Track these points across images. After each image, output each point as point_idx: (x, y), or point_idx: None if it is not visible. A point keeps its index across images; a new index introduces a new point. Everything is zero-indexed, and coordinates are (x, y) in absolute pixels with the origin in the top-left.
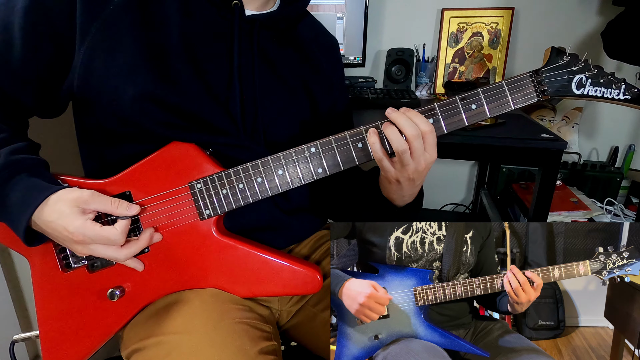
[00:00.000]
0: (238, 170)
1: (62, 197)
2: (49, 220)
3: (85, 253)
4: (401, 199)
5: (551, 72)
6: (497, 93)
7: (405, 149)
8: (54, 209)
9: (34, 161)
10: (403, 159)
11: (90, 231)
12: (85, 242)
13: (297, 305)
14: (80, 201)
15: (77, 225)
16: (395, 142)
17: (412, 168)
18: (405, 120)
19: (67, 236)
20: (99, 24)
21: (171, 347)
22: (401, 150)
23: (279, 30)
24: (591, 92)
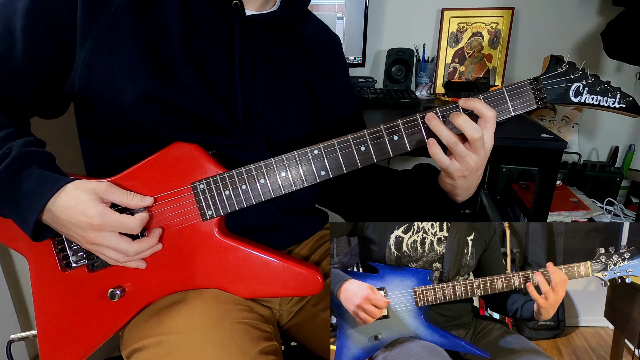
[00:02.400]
0: (241, 171)
1: (79, 186)
2: (65, 207)
3: (95, 242)
4: (466, 191)
5: (550, 79)
6: (497, 99)
7: (455, 140)
8: (71, 195)
9: (45, 154)
10: (457, 150)
11: (110, 217)
12: (103, 227)
13: (297, 305)
14: (99, 190)
15: (98, 210)
16: (445, 135)
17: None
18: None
19: (84, 221)
20: (100, 24)
21: (171, 346)
22: (452, 142)
23: (279, 30)
24: (588, 100)
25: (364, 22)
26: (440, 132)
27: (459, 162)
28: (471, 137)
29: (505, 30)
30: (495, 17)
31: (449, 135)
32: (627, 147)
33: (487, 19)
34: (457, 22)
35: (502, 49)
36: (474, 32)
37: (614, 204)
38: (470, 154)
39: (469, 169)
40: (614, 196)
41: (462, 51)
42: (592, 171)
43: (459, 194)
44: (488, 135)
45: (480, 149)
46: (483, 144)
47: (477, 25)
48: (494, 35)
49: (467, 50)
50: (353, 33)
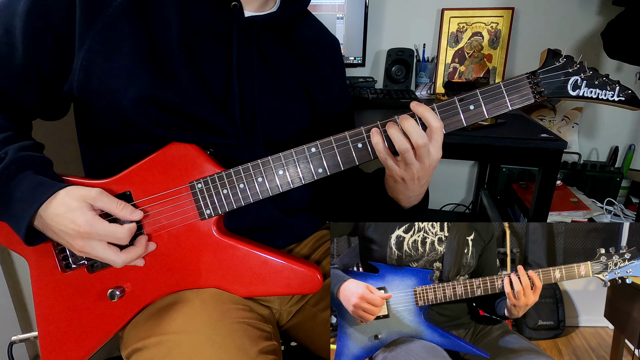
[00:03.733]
0: (239, 170)
1: (70, 193)
2: (55, 214)
3: (84, 250)
4: (407, 199)
5: (547, 73)
6: (495, 94)
7: (407, 147)
8: (61, 202)
9: (41, 159)
10: (406, 157)
11: (98, 225)
12: (91, 236)
13: (297, 305)
14: (88, 197)
15: (86, 218)
16: (398, 141)
17: (416, 167)
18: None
19: (73, 229)
20: (99, 26)
21: (171, 346)
22: (403, 149)
23: (278, 31)
24: (586, 94)
25: (364, 22)
26: (394, 137)
27: (402, 167)
28: (415, 143)
29: (505, 30)
30: (495, 17)
31: (401, 140)
32: (627, 147)
33: (487, 19)
34: (457, 22)
35: (502, 49)
36: (474, 32)
37: (614, 204)
38: (415, 162)
39: (410, 176)
40: (614, 196)
41: (462, 51)
42: (592, 171)
43: (401, 199)
44: (434, 147)
45: (424, 157)
46: (428, 153)
47: (477, 25)
48: (494, 35)
49: (467, 50)
50: (353, 33)
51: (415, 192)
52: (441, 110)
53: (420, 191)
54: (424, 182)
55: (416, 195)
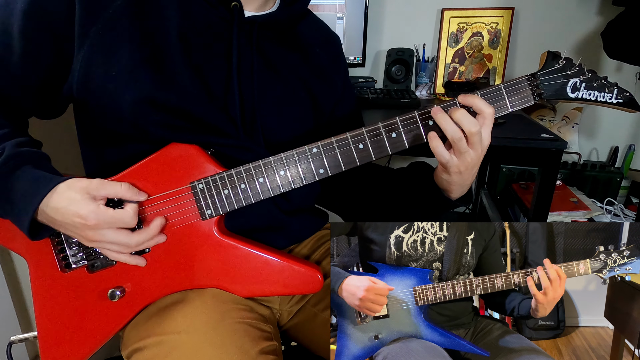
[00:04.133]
0: (240, 170)
1: (71, 185)
2: (58, 207)
3: (95, 239)
4: (460, 188)
5: (547, 75)
6: (495, 96)
7: (460, 136)
8: (63, 196)
9: (38, 154)
10: (460, 146)
11: (103, 214)
12: (98, 226)
13: (297, 305)
14: (91, 188)
15: (90, 209)
16: (450, 130)
17: (471, 155)
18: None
19: (78, 222)
20: (98, 27)
21: (172, 346)
22: (457, 137)
23: (278, 31)
24: (585, 96)
25: (364, 22)
26: (446, 126)
27: (457, 157)
28: (469, 131)
29: (505, 30)
30: (495, 17)
31: (454, 129)
32: (627, 147)
33: (487, 19)
34: (457, 22)
35: (502, 49)
36: (474, 32)
37: (614, 204)
38: (469, 150)
39: (466, 165)
40: (614, 196)
41: (462, 51)
42: (592, 171)
43: (454, 190)
44: (486, 132)
45: (477, 144)
46: (480, 139)
47: (477, 25)
48: (494, 35)
49: (467, 50)
50: (353, 33)
51: (468, 180)
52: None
53: (473, 179)
54: (476, 170)
55: (468, 184)
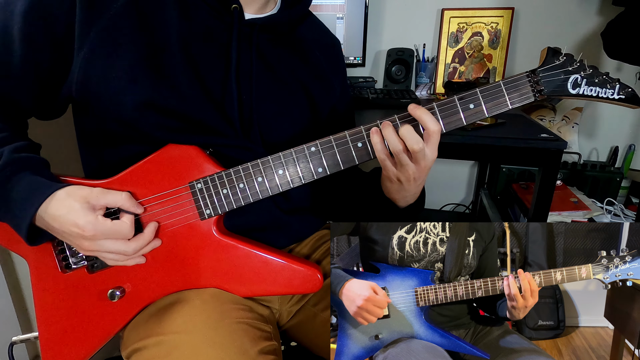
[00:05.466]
0: (238, 170)
1: (71, 193)
2: (56, 215)
3: (92, 249)
4: (403, 199)
5: (547, 72)
6: (494, 92)
7: (400, 149)
8: (62, 204)
9: (37, 160)
10: (401, 159)
11: (101, 226)
12: (95, 237)
13: (297, 305)
14: (91, 197)
15: (89, 219)
16: (392, 143)
17: (412, 168)
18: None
19: (75, 232)
20: (99, 28)
21: (171, 346)
22: (397, 150)
23: (278, 33)
24: (586, 92)
25: (364, 22)
26: (389, 138)
27: (397, 168)
28: (411, 148)
29: (505, 30)
30: (495, 17)
31: (395, 142)
32: (627, 147)
33: (487, 19)
34: (457, 22)
35: (502, 49)
36: (474, 32)
37: (614, 204)
38: (410, 164)
39: (407, 177)
40: (614, 196)
41: (462, 51)
42: (592, 171)
43: (396, 199)
44: (430, 149)
45: (420, 160)
46: (424, 156)
47: (477, 25)
48: (494, 35)
49: (467, 50)
50: (353, 33)
51: (411, 192)
52: (441, 109)
53: (416, 191)
54: (420, 183)
55: (412, 194)
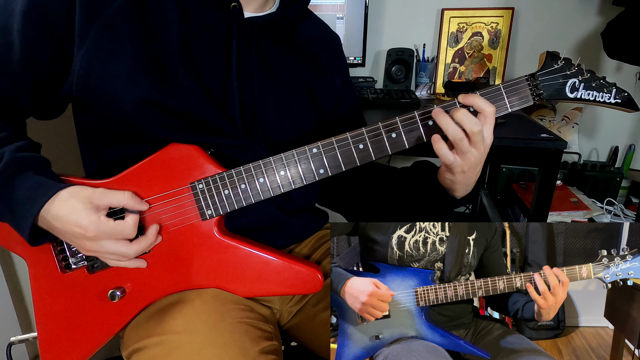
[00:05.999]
0: (240, 171)
1: (74, 193)
2: (59, 215)
3: (94, 249)
4: (465, 187)
5: (546, 76)
6: (494, 96)
7: (462, 136)
8: (65, 204)
9: (39, 159)
10: (462, 146)
11: (104, 226)
12: (98, 237)
13: (297, 305)
14: (94, 197)
15: (91, 220)
16: (452, 131)
17: (473, 154)
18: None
19: (77, 232)
20: (98, 26)
21: (172, 346)
22: (458, 138)
23: (278, 31)
24: (584, 96)
25: (364, 22)
26: (447, 127)
27: (460, 157)
28: (471, 130)
29: (505, 30)
30: (495, 17)
31: (455, 130)
32: (627, 147)
33: (487, 19)
34: (457, 22)
35: (502, 49)
36: (474, 32)
37: (614, 204)
38: (472, 149)
39: (469, 164)
40: (614, 196)
41: (462, 51)
42: (592, 171)
43: (458, 189)
44: (487, 131)
45: (479, 143)
46: (482, 138)
47: (477, 25)
48: (494, 35)
49: (467, 50)
50: (353, 33)
51: (472, 179)
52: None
53: (477, 177)
54: (480, 169)
55: (472, 182)
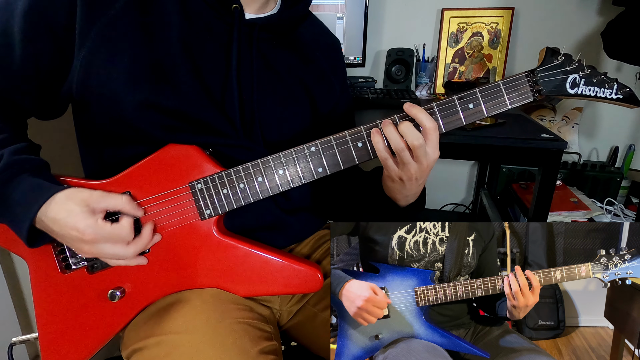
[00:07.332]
0: (238, 170)
1: (71, 196)
2: (56, 218)
3: (92, 252)
4: (404, 198)
5: (546, 72)
6: (494, 92)
7: (402, 147)
8: (62, 207)
9: (37, 162)
10: (403, 157)
11: (101, 230)
12: (95, 241)
13: (297, 305)
14: (91, 201)
15: (89, 223)
16: (394, 141)
17: (414, 167)
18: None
19: (74, 235)
20: (99, 28)
21: (171, 346)
22: (399, 148)
23: (278, 33)
24: (585, 92)
25: (364, 22)
26: (390, 136)
27: (400, 168)
28: (412, 144)
29: (505, 30)
30: (495, 17)
31: (397, 140)
32: (627, 147)
33: (487, 19)
34: (457, 22)
35: (502, 49)
36: (474, 32)
37: (614, 204)
38: (412, 162)
39: (408, 176)
40: (614, 196)
41: (462, 51)
42: (592, 171)
43: (398, 198)
44: (430, 147)
45: (422, 157)
46: (425, 153)
47: (477, 25)
48: (494, 35)
49: (467, 50)
50: (353, 33)
51: (412, 191)
52: (440, 109)
53: (417, 190)
54: (421, 182)
55: (413, 194)
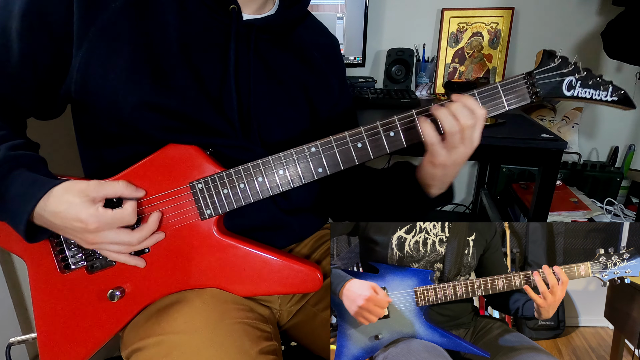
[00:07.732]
0: (239, 170)
1: (69, 189)
2: (57, 211)
3: (96, 241)
4: (441, 184)
5: (543, 74)
6: (492, 94)
7: (457, 130)
8: (61, 199)
9: (33, 157)
10: (454, 140)
11: (104, 217)
12: (99, 229)
13: (297, 305)
14: (89, 190)
15: (90, 212)
16: (448, 123)
17: (460, 151)
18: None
19: (78, 226)
20: (97, 28)
21: (171, 346)
22: (453, 130)
23: (277, 34)
24: (581, 94)
25: (364, 22)
26: (444, 119)
27: (448, 151)
28: (464, 123)
29: (505, 30)
30: (495, 17)
31: (452, 123)
32: (627, 147)
33: (487, 19)
34: (457, 22)
35: (502, 49)
36: (474, 32)
37: (614, 204)
38: (460, 145)
39: (453, 160)
40: (614, 196)
41: (462, 51)
42: (592, 171)
43: (434, 185)
44: (476, 132)
45: (468, 140)
46: (471, 136)
47: (477, 25)
48: (494, 35)
49: (467, 50)
50: (353, 33)
51: (450, 177)
52: None
53: (454, 177)
54: (459, 169)
55: (449, 180)
